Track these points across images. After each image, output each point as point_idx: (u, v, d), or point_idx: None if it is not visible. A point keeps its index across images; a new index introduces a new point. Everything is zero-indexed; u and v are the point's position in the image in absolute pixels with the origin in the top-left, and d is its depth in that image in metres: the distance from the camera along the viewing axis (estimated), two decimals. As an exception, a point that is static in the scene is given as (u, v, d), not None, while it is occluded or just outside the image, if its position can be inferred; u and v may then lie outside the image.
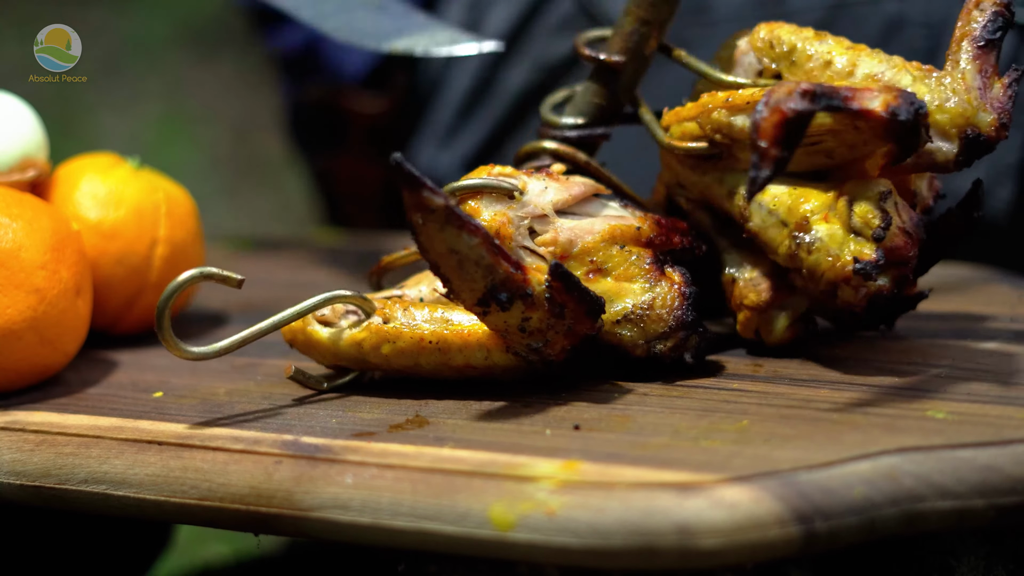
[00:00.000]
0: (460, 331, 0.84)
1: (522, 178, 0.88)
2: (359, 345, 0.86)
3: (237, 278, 0.84)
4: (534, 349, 0.82)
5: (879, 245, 0.80)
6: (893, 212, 0.81)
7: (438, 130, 1.47)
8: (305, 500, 0.76)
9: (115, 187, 1.04)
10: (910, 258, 0.81)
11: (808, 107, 0.76)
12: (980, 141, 0.82)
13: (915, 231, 0.82)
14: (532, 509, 0.71)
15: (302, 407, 0.86)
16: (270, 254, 1.44)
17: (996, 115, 0.82)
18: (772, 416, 0.79)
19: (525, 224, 0.87)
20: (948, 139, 0.83)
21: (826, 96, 0.77)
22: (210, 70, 2.90)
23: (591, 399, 0.83)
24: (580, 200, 0.89)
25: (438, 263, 0.79)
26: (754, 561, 0.70)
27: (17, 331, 0.91)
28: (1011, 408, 0.78)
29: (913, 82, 0.83)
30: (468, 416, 0.82)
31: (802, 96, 0.76)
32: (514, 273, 0.79)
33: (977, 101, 0.82)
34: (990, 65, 0.83)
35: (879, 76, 0.84)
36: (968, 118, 0.82)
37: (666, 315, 0.84)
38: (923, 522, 0.71)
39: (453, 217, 0.77)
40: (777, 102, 0.76)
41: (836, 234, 0.81)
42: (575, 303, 0.80)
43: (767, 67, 0.89)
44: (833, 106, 0.78)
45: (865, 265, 0.80)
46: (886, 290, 0.81)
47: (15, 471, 0.84)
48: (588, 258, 0.86)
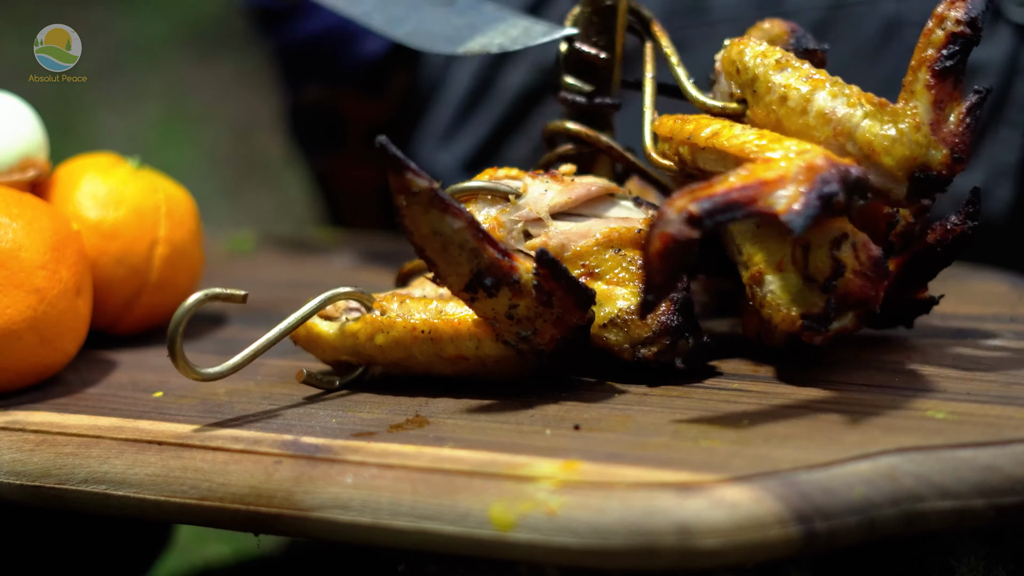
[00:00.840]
0: (451, 320, 0.84)
1: (525, 180, 0.89)
2: (355, 336, 0.86)
3: (241, 294, 0.84)
4: (523, 338, 0.82)
5: (831, 294, 0.78)
6: (848, 256, 0.78)
7: (437, 130, 1.47)
8: (305, 500, 0.76)
9: (115, 187, 1.04)
10: (870, 299, 0.79)
11: (693, 235, 0.72)
12: (931, 179, 0.79)
13: (875, 271, 0.79)
14: (532, 509, 0.71)
15: (302, 407, 0.86)
16: (270, 254, 1.44)
17: (948, 150, 0.79)
18: (772, 416, 0.79)
19: (519, 227, 0.87)
20: (897, 182, 0.80)
21: (717, 213, 0.73)
22: (210, 70, 2.90)
23: (591, 399, 0.83)
24: (586, 201, 0.89)
25: (423, 246, 0.79)
26: (754, 561, 0.70)
27: (17, 331, 0.91)
28: (1011, 408, 0.78)
29: (864, 117, 0.81)
30: (468, 416, 0.82)
31: (687, 223, 0.72)
32: (500, 259, 0.79)
33: (927, 138, 0.79)
34: (947, 94, 0.80)
35: (830, 113, 0.81)
36: (916, 159, 0.79)
37: (650, 320, 0.84)
38: (923, 522, 0.71)
39: (436, 199, 0.78)
40: (663, 228, 0.72)
41: (789, 285, 0.79)
42: (563, 291, 0.80)
43: (735, 92, 0.88)
44: (727, 221, 0.73)
45: (812, 320, 0.78)
46: (848, 329, 0.80)
47: (15, 471, 0.84)
48: (580, 262, 0.86)
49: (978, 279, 1.09)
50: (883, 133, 0.80)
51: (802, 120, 0.82)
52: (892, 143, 0.80)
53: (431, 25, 1.09)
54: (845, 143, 0.81)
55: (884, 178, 0.80)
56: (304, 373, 0.88)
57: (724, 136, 0.83)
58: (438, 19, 1.10)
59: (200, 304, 0.82)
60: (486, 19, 1.08)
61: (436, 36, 1.08)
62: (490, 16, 1.08)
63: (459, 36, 1.07)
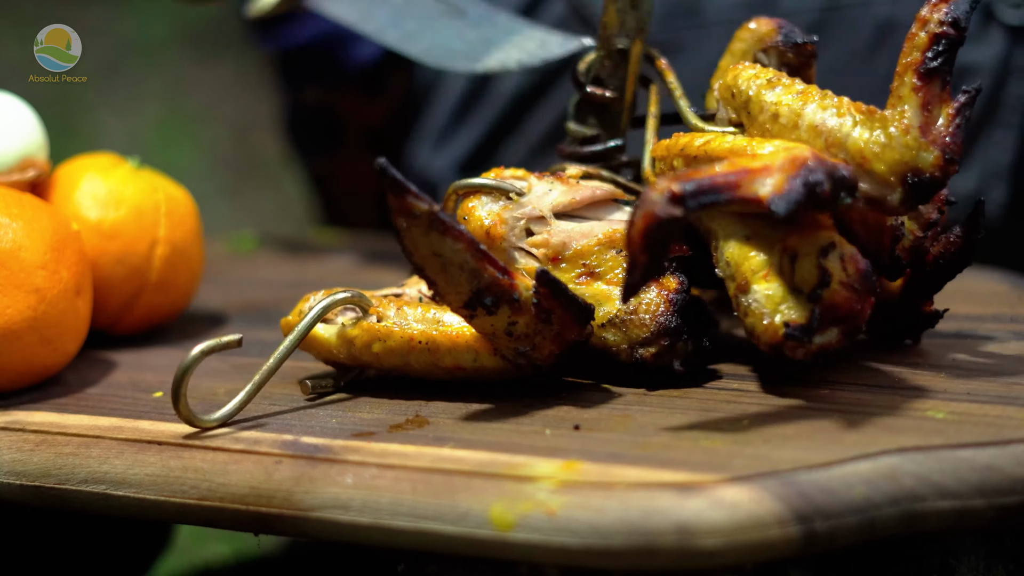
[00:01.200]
0: (449, 333, 0.84)
1: (530, 180, 0.89)
2: (351, 343, 0.86)
3: (236, 339, 0.83)
4: (522, 353, 0.82)
5: (817, 304, 0.77)
6: (836, 267, 0.77)
7: (433, 132, 1.47)
8: (305, 500, 0.76)
9: (115, 187, 1.04)
10: (856, 313, 0.78)
11: (675, 214, 0.72)
12: (924, 183, 0.78)
13: (862, 284, 0.78)
14: (532, 509, 0.71)
15: (302, 407, 0.86)
16: (270, 254, 1.44)
17: (939, 151, 0.78)
18: (772, 416, 0.79)
19: (521, 225, 0.88)
20: (891, 188, 0.79)
21: (701, 194, 0.73)
22: (210, 70, 2.91)
23: (591, 399, 0.83)
24: (590, 203, 0.89)
25: (423, 266, 0.79)
26: (754, 561, 0.70)
27: (17, 331, 0.91)
28: (1011, 408, 0.78)
29: (854, 126, 0.80)
30: (468, 416, 0.82)
31: (670, 201, 0.72)
32: (500, 278, 0.79)
33: (917, 141, 0.78)
34: (934, 96, 0.78)
35: (820, 125, 0.81)
36: (907, 163, 0.78)
37: (648, 320, 0.84)
38: (923, 522, 0.71)
39: (437, 222, 0.77)
40: (646, 208, 0.72)
41: (774, 295, 0.78)
42: (562, 309, 0.80)
43: (732, 116, 0.88)
44: (710, 204, 0.73)
45: (795, 330, 0.77)
46: (832, 346, 0.78)
47: (15, 471, 0.84)
48: (581, 261, 0.86)
49: (978, 279, 1.09)
50: (873, 139, 0.79)
51: (795, 135, 0.82)
52: (883, 149, 0.79)
53: (447, 40, 1.08)
54: (837, 153, 0.80)
55: (878, 185, 0.79)
56: (309, 387, 0.88)
57: (715, 143, 0.84)
58: (452, 34, 1.08)
59: (198, 361, 0.81)
60: (500, 32, 1.07)
61: (454, 53, 1.07)
62: (504, 28, 1.07)
63: (475, 52, 1.06)
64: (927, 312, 0.90)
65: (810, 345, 0.78)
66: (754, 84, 0.86)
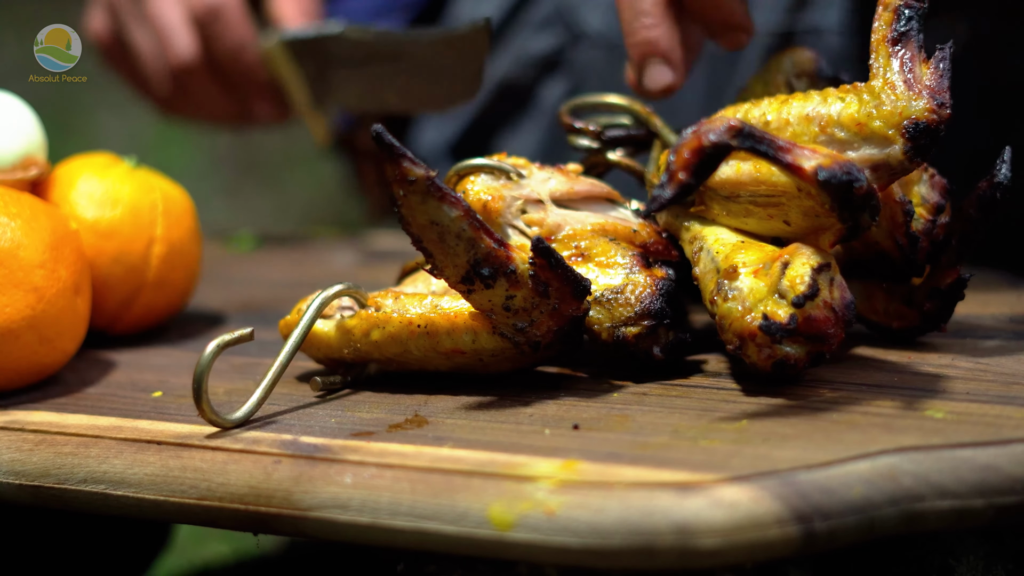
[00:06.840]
0: (447, 314, 0.84)
1: (531, 168, 0.90)
2: (351, 332, 0.86)
3: (248, 332, 0.83)
4: (520, 329, 0.82)
5: (795, 311, 0.78)
6: (825, 285, 0.79)
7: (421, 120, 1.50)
8: (304, 500, 0.76)
9: (112, 186, 1.04)
10: (828, 335, 0.79)
11: (728, 142, 0.75)
12: (921, 129, 0.81)
13: (842, 312, 0.79)
14: (531, 509, 0.71)
15: (301, 407, 0.86)
16: (270, 253, 1.44)
17: (929, 97, 0.81)
18: (772, 416, 0.79)
19: (518, 204, 0.89)
20: (891, 142, 0.81)
21: (755, 139, 0.76)
22: (210, 70, 2.90)
23: (590, 399, 0.83)
24: (585, 197, 0.90)
25: (420, 236, 0.79)
26: (753, 561, 0.70)
27: (16, 330, 0.91)
28: (1011, 408, 0.78)
29: (842, 102, 0.83)
30: (467, 416, 0.82)
31: (727, 131, 0.75)
32: (496, 248, 0.79)
33: (905, 94, 0.81)
34: (910, 56, 0.82)
35: (811, 112, 0.84)
36: (901, 113, 0.81)
37: (633, 300, 0.85)
38: (922, 522, 0.71)
39: (434, 188, 0.78)
40: (704, 130, 0.75)
41: (758, 290, 0.80)
42: (559, 282, 0.80)
43: None
44: (760, 151, 0.76)
45: (771, 324, 0.78)
46: (795, 361, 0.79)
47: (15, 471, 0.84)
48: (573, 243, 0.87)
49: (977, 279, 1.09)
50: (864, 105, 0.82)
51: (789, 132, 0.85)
52: (875, 108, 0.82)
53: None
54: (834, 131, 0.83)
55: (879, 143, 0.81)
56: (319, 383, 0.88)
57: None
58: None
59: (215, 357, 0.81)
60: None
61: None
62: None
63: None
64: (951, 284, 0.89)
65: (775, 348, 0.79)
66: (741, 111, 0.89)
